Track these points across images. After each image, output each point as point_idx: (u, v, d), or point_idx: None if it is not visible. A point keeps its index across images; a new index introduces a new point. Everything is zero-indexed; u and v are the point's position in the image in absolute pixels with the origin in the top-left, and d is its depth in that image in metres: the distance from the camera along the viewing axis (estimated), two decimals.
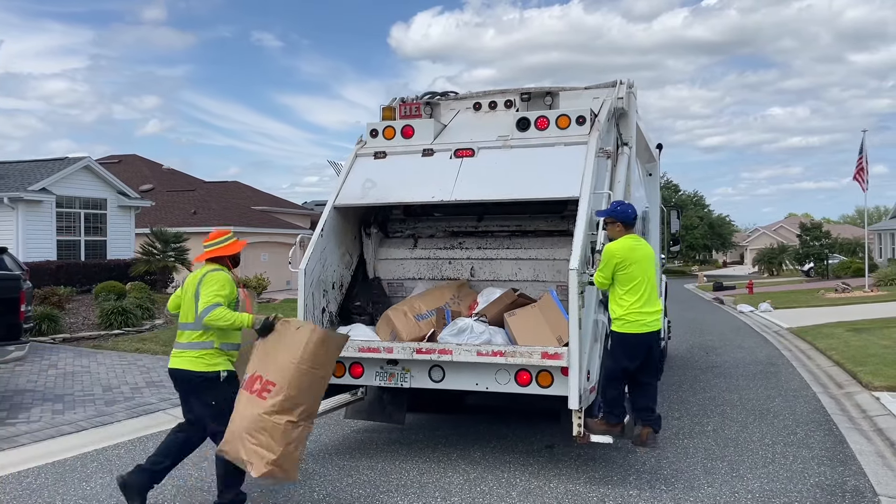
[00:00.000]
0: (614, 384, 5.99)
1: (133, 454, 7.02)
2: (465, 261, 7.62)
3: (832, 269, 45.46)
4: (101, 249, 23.74)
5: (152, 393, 9.86)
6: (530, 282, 7.32)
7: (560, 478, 6.14)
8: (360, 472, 6.37)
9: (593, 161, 6.53)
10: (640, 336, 5.81)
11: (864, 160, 28.17)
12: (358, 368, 6.59)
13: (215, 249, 5.55)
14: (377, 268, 7.94)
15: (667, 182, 67.99)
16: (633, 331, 5.79)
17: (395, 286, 7.85)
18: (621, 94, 7.73)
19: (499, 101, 7.97)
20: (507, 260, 7.47)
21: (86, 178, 23.30)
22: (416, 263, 7.79)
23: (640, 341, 5.83)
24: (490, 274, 7.51)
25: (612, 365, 6.03)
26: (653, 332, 5.89)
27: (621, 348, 5.90)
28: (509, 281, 7.37)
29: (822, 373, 11.60)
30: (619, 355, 5.92)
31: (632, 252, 5.81)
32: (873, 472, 6.23)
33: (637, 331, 5.79)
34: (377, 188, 7.18)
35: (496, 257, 7.51)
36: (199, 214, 32.60)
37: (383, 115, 7.81)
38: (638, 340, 5.82)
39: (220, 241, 5.58)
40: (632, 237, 5.98)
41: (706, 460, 6.65)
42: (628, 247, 5.83)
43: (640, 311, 5.77)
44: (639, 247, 5.93)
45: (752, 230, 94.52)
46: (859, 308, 21.83)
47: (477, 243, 7.67)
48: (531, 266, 7.40)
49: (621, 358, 5.90)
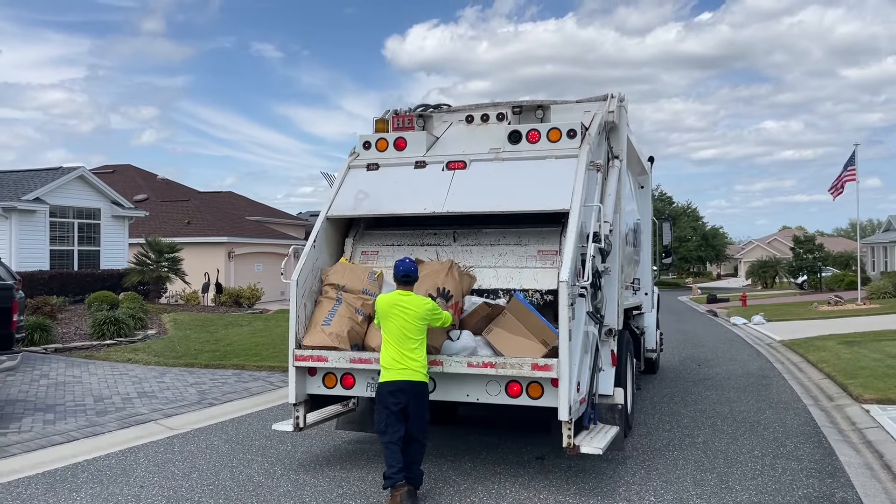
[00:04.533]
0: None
1: (124, 465, 7.02)
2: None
3: (825, 281, 45.65)
4: (94, 259, 23.72)
5: (144, 403, 9.84)
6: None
7: (550, 489, 6.16)
8: (351, 482, 6.38)
9: (584, 174, 6.59)
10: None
11: (854, 173, 28.60)
12: (349, 379, 6.61)
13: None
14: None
15: (661, 194, 68.26)
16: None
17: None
18: (612, 107, 7.80)
19: (491, 114, 8.04)
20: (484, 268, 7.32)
21: (80, 188, 23.30)
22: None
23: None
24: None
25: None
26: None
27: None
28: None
29: (813, 385, 11.65)
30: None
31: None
32: (861, 484, 6.26)
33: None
34: (369, 200, 7.22)
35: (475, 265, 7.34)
36: (194, 225, 32.62)
37: (376, 127, 7.86)
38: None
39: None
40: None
41: (696, 472, 6.67)
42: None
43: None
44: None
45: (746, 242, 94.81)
46: (852, 321, 21.93)
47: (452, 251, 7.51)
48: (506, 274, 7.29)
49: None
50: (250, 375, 12.37)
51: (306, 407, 6.80)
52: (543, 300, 6.70)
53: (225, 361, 13.70)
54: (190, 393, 10.67)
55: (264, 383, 11.60)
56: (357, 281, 6.80)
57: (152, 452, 7.46)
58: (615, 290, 7.19)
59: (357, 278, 6.82)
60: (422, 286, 6.27)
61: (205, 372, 12.76)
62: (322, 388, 6.73)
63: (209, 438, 8.11)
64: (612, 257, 6.99)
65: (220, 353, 14.66)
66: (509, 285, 6.90)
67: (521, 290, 6.76)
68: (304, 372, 6.72)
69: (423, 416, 5.89)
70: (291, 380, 6.66)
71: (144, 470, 6.84)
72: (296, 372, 6.64)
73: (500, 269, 7.00)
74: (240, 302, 26.59)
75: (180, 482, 6.41)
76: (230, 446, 7.74)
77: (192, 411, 9.50)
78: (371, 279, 6.88)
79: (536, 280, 6.83)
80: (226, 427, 8.73)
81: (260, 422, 8.98)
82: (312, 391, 6.77)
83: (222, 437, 8.17)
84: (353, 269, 6.96)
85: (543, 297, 6.73)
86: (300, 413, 6.72)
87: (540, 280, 6.79)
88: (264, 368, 12.94)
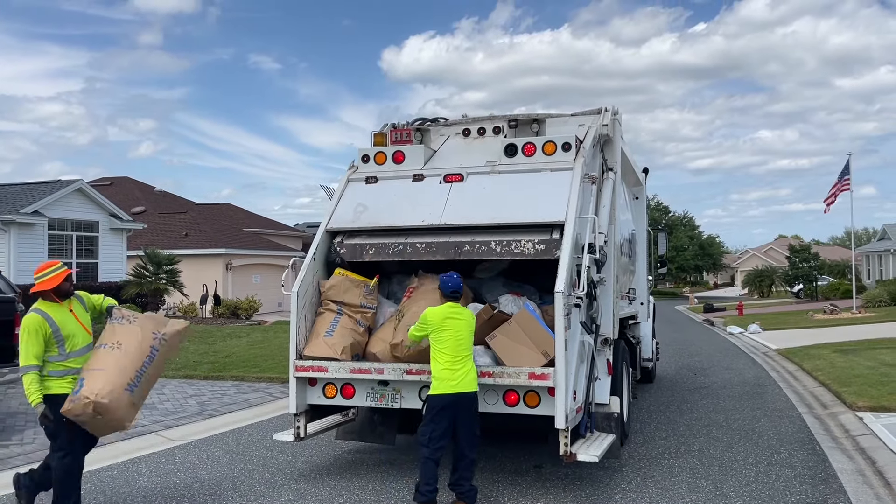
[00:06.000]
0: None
1: (126, 476, 7.09)
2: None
3: (821, 290, 45.83)
4: (92, 272, 23.79)
5: (144, 415, 9.89)
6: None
7: (547, 497, 6.25)
8: (350, 492, 6.46)
9: (579, 186, 6.72)
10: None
11: (849, 183, 28.81)
12: (349, 389, 6.71)
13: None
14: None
15: (657, 204, 68.52)
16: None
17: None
18: (606, 120, 7.94)
19: (487, 127, 8.16)
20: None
21: (78, 201, 23.41)
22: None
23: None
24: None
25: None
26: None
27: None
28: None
29: (807, 393, 11.76)
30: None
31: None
32: (853, 491, 6.36)
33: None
34: (368, 212, 7.33)
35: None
36: (191, 237, 32.68)
37: (375, 140, 7.98)
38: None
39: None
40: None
41: (691, 479, 6.77)
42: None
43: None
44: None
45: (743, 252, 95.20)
46: (847, 329, 22.06)
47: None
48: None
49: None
50: (249, 387, 12.44)
51: (307, 417, 6.89)
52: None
53: (224, 373, 13.76)
54: (190, 404, 10.74)
55: (264, 394, 11.68)
56: (353, 296, 6.91)
57: (154, 463, 7.53)
58: (611, 300, 7.30)
59: (353, 294, 6.93)
60: (428, 298, 6.41)
61: (204, 383, 12.83)
62: (322, 398, 6.82)
63: (210, 449, 8.18)
64: (607, 267, 7.11)
65: (219, 365, 14.72)
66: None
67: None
68: (304, 382, 6.81)
69: (473, 430, 5.93)
70: (292, 390, 6.75)
71: (147, 480, 6.91)
72: (296, 382, 6.73)
73: None
74: (238, 313, 26.65)
75: (182, 492, 6.49)
76: (231, 457, 7.82)
77: (193, 422, 9.57)
78: (367, 292, 6.99)
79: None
80: (226, 438, 8.80)
81: (260, 432, 9.05)
82: (313, 401, 6.86)
83: (223, 448, 8.24)
84: (348, 285, 7.02)
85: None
86: (301, 423, 6.81)
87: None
88: (263, 379, 13.01)
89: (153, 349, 5.71)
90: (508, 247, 6.66)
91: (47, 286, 5.67)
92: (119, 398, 5.41)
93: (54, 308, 5.64)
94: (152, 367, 5.71)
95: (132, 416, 5.58)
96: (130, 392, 5.48)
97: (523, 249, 6.61)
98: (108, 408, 5.34)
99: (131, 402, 5.52)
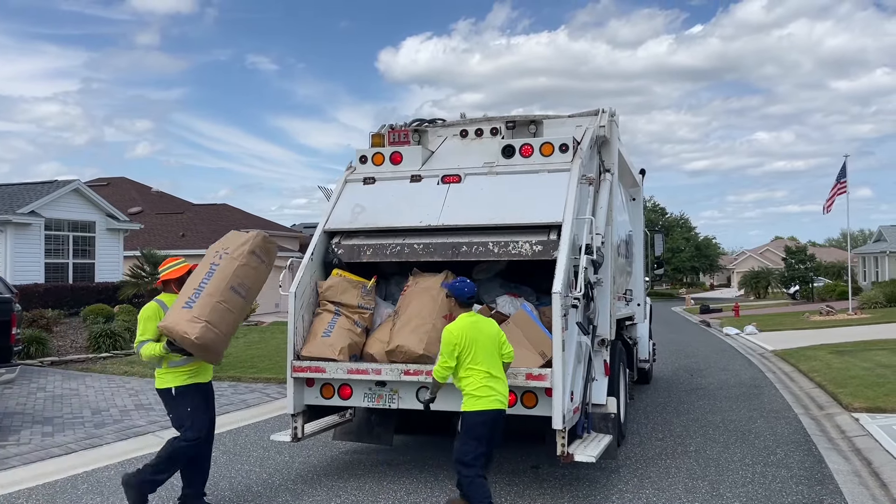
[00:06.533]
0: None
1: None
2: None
3: (817, 291, 45.92)
4: (89, 272, 23.74)
5: (141, 415, 9.90)
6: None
7: (545, 497, 6.26)
8: (348, 492, 6.47)
9: (576, 187, 6.73)
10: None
11: (846, 185, 28.87)
12: (346, 390, 6.71)
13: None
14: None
15: (654, 205, 68.65)
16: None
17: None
18: (603, 122, 7.96)
19: (485, 128, 8.18)
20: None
21: (75, 201, 23.36)
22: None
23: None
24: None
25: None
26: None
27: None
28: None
29: (804, 394, 11.79)
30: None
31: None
32: (849, 491, 6.39)
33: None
34: (366, 213, 7.34)
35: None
36: (188, 237, 32.64)
37: (373, 141, 7.99)
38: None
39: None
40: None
41: (688, 480, 6.78)
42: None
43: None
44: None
45: (739, 253, 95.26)
46: (843, 330, 22.12)
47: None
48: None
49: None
50: (246, 387, 12.43)
51: (304, 418, 6.88)
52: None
53: (221, 373, 13.69)
54: None
55: (261, 395, 11.67)
56: (351, 297, 6.91)
57: None
58: (608, 301, 7.32)
59: (351, 295, 6.92)
60: (423, 298, 6.41)
61: None
62: (320, 398, 6.83)
63: None
64: (604, 268, 7.13)
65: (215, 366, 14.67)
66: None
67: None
68: (302, 383, 6.82)
69: (498, 442, 5.83)
70: (289, 390, 6.75)
71: None
72: (294, 383, 6.74)
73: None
74: None
75: (180, 493, 6.47)
76: (228, 457, 7.82)
77: None
78: (364, 293, 7.00)
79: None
80: (223, 438, 8.79)
81: (257, 433, 9.05)
82: (310, 402, 6.86)
83: (220, 449, 8.22)
84: (346, 285, 7.01)
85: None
86: (298, 423, 6.80)
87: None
88: (260, 380, 13.01)
89: (212, 265, 5.87)
90: (506, 248, 6.68)
91: (174, 275, 6.03)
92: (178, 315, 5.62)
93: (173, 299, 5.87)
94: (213, 280, 5.77)
95: (195, 331, 5.56)
96: (189, 308, 5.63)
97: (521, 250, 6.63)
98: (166, 327, 5.60)
99: (192, 318, 5.59)
